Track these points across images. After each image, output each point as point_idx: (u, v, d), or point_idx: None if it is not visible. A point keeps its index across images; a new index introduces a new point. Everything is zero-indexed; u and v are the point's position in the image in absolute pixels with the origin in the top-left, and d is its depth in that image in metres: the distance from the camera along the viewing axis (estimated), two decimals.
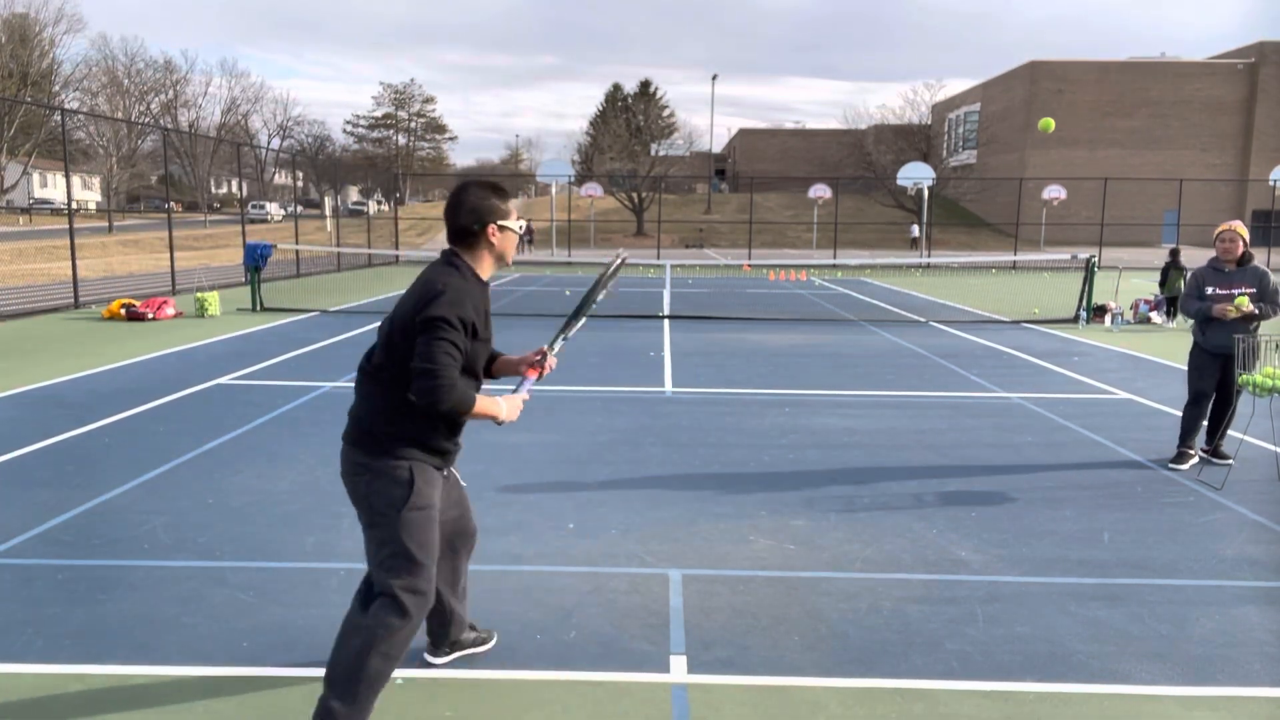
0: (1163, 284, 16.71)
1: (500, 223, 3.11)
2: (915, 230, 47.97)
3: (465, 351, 2.97)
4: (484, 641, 3.74)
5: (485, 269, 3.15)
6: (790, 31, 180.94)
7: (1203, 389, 6.67)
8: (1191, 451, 6.68)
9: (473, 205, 3.09)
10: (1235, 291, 6.49)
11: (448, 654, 3.62)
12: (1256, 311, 6.37)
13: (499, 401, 3.08)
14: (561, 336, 3.43)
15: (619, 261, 3.52)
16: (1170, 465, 6.62)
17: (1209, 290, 6.64)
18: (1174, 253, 16.96)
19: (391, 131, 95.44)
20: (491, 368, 3.34)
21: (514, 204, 3.18)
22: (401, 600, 2.98)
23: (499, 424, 3.08)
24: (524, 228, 3.43)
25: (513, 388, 3.26)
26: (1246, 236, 6.65)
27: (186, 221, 54.50)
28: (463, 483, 3.45)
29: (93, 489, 5.79)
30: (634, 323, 15.81)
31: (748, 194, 55.93)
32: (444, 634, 3.57)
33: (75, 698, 3.34)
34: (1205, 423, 6.82)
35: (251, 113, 78.21)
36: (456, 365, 2.93)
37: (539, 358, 3.30)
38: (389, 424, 3.02)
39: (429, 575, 3.05)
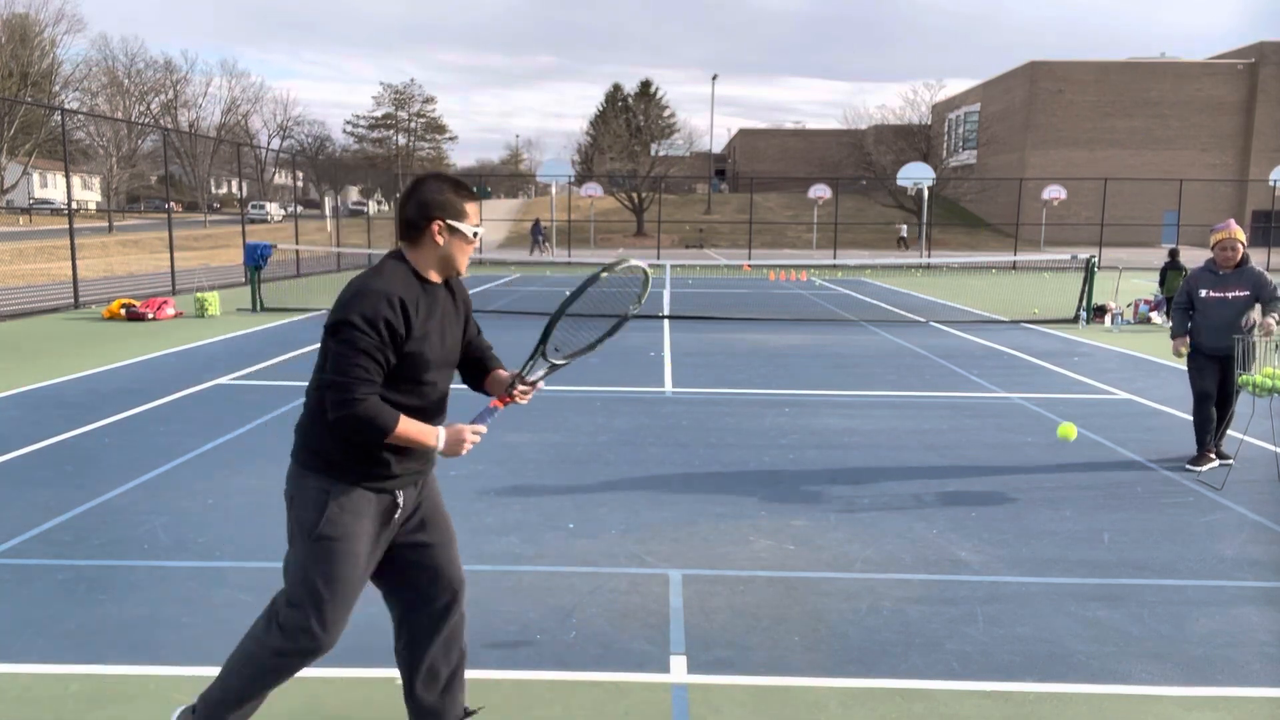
0: (1162, 284, 16.74)
1: (449, 221, 2.70)
2: (904, 230, 48.01)
3: (382, 359, 2.58)
4: None
5: (431, 271, 2.74)
6: (790, 31, 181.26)
7: (1205, 389, 6.66)
8: (1211, 455, 6.61)
9: (422, 198, 2.70)
10: (1230, 295, 6.51)
11: None
12: (1274, 328, 6.29)
13: (436, 430, 2.69)
14: (541, 356, 2.85)
15: (627, 265, 2.90)
16: (1188, 466, 6.60)
17: (1203, 294, 6.64)
18: (1173, 253, 17.00)
19: (391, 131, 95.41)
20: (484, 381, 2.99)
21: (473, 208, 2.77)
22: (284, 628, 2.68)
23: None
24: (538, 229, 3.31)
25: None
26: (1244, 239, 6.65)
27: (186, 222, 54.51)
28: (444, 511, 2.97)
29: (93, 489, 5.79)
30: (634, 323, 15.79)
31: (748, 194, 55.89)
32: None
33: (75, 698, 3.34)
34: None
35: (251, 113, 78.10)
36: (370, 376, 2.56)
37: (511, 385, 2.84)
38: (311, 440, 2.72)
39: (328, 617, 2.67)
